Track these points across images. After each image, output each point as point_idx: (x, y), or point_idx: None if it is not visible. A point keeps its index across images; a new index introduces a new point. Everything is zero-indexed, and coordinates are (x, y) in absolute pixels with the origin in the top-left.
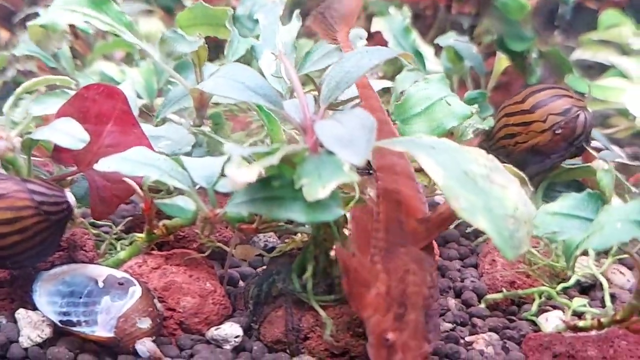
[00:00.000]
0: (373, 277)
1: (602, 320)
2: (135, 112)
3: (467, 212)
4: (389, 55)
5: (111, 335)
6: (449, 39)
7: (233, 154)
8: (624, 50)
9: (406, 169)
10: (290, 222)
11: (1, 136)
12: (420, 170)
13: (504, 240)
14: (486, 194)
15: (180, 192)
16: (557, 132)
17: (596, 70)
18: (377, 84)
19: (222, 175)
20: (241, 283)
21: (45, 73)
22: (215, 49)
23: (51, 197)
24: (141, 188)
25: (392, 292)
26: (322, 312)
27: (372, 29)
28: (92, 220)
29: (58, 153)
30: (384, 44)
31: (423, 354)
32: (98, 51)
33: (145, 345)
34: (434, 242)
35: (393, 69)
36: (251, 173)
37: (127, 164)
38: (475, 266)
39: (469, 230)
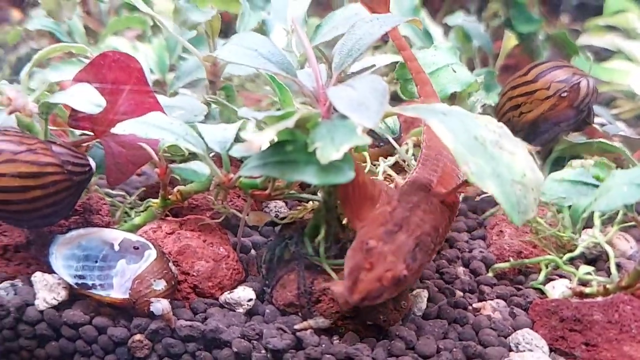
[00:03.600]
0: (385, 196)
1: (608, 286)
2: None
3: (476, 176)
4: (398, 21)
5: (126, 297)
6: (458, 18)
7: (248, 117)
8: (630, 35)
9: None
10: (303, 188)
11: (11, 97)
12: None
13: (511, 205)
14: (495, 159)
15: (195, 158)
16: (562, 95)
17: (601, 56)
18: (385, 58)
19: (236, 140)
20: (253, 252)
21: None
22: (225, 31)
23: (74, 159)
24: (157, 154)
25: (395, 213)
26: (334, 275)
27: None
28: (106, 190)
29: (75, 118)
30: None
31: (396, 272)
32: (111, 28)
33: (161, 303)
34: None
35: None
36: (267, 135)
37: (143, 127)
38: (483, 238)
39: (478, 199)
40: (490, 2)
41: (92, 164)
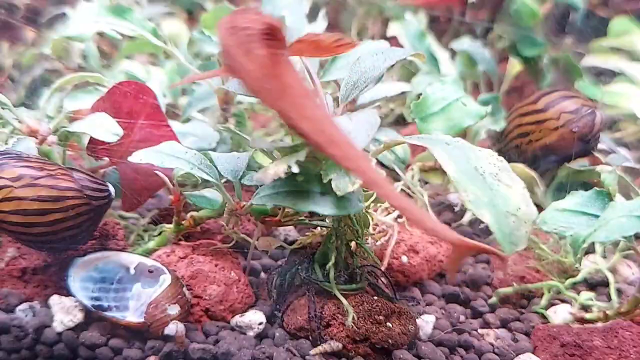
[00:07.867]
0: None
1: (608, 312)
2: (163, 110)
3: (473, 204)
4: (403, 55)
5: (141, 320)
6: (463, 44)
7: (259, 147)
8: (634, 57)
9: None
10: (312, 215)
11: (37, 130)
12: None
13: (504, 235)
14: (492, 190)
15: (208, 185)
16: (574, 130)
17: (606, 76)
18: (395, 88)
19: (248, 169)
20: (263, 275)
21: (72, 72)
22: None
23: (93, 184)
24: (171, 181)
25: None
26: (344, 300)
27: (389, 34)
28: (120, 213)
29: (93, 146)
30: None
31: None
32: (125, 51)
33: (177, 325)
34: None
35: (408, 72)
36: (279, 169)
37: (159, 156)
38: (487, 262)
39: (482, 226)
40: (495, 23)
41: (112, 190)
